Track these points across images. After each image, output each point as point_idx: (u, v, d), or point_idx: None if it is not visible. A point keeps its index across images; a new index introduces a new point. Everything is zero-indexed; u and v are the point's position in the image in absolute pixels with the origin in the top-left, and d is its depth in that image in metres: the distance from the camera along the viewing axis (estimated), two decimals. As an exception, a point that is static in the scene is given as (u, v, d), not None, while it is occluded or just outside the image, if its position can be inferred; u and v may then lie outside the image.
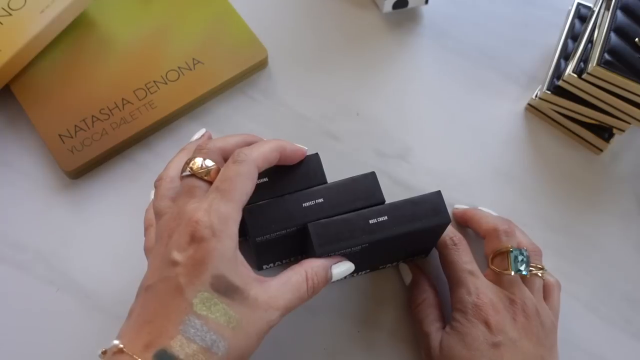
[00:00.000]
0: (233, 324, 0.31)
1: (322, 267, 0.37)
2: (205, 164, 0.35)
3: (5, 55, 0.48)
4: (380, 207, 0.39)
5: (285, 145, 0.38)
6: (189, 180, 0.35)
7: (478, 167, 0.51)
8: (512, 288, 0.40)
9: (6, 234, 0.47)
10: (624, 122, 0.49)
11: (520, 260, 0.41)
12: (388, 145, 0.51)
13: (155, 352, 0.29)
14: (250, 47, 0.52)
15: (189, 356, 0.29)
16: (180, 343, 0.29)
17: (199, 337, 0.30)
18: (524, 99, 0.54)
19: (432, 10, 0.57)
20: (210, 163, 0.35)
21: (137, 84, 0.50)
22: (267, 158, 0.36)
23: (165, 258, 0.32)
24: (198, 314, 0.30)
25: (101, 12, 0.53)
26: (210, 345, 0.30)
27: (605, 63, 0.45)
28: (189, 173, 0.35)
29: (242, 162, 0.34)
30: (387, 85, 0.54)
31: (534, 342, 0.39)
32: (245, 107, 0.52)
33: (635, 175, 0.52)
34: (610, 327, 0.47)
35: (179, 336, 0.30)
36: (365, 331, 0.45)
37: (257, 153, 0.35)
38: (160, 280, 0.31)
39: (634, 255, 0.49)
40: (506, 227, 0.43)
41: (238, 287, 0.32)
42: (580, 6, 0.54)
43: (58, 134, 0.48)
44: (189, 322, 0.30)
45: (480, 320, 0.39)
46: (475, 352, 0.38)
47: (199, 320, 0.30)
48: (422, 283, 0.44)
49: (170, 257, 0.31)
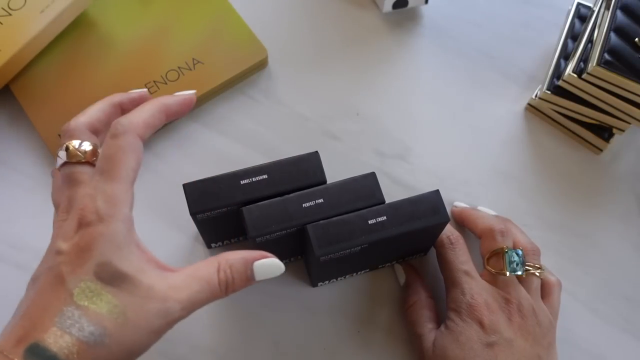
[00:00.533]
0: (116, 315, 0.28)
1: (241, 261, 0.32)
2: (81, 148, 0.32)
3: (5, 55, 0.48)
4: (378, 207, 0.39)
5: (167, 102, 0.34)
6: (67, 169, 0.32)
7: (478, 167, 0.51)
8: (508, 288, 0.40)
9: (6, 234, 0.47)
10: (624, 122, 0.49)
11: (515, 261, 0.41)
12: (388, 145, 0.52)
13: (26, 346, 0.27)
14: (250, 47, 0.52)
15: (62, 349, 0.27)
16: (54, 335, 0.27)
17: (76, 329, 0.27)
18: (523, 98, 0.54)
19: (432, 10, 0.57)
20: (87, 145, 0.32)
21: (137, 84, 0.50)
22: (149, 123, 0.32)
23: (52, 248, 0.30)
24: (78, 304, 0.28)
25: (101, 12, 0.53)
26: (89, 338, 0.27)
27: (605, 63, 0.45)
28: (63, 162, 0.32)
29: (121, 135, 0.31)
30: (387, 85, 0.54)
31: (530, 342, 0.39)
32: (245, 107, 0.52)
33: (635, 175, 0.52)
34: (610, 327, 0.47)
35: (54, 328, 0.27)
36: (365, 331, 0.45)
37: (136, 121, 0.32)
38: (44, 271, 0.29)
39: (634, 255, 0.49)
40: (502, 227, 0.43)
41: (127, 275, 0.29)
42: (580, 6, 0.54)
43: (58, 134, 0.48)
44: (66, 313, 0.27)
45: (474, 320, 0.39)
46: (469, 352, 0.38)
47: (78, 311, 0.28)
48: (414, 284, 0.45)
49: (55, 246, 0.29)
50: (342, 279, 0.46)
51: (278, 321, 0.45)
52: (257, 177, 0.40)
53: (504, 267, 0.41)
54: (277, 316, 0.45)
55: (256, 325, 0.45)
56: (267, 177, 0.40)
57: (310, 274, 0.45)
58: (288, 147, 0.51)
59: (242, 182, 0.40)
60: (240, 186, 0.40)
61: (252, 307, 0.45)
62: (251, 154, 0.50)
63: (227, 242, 0.46)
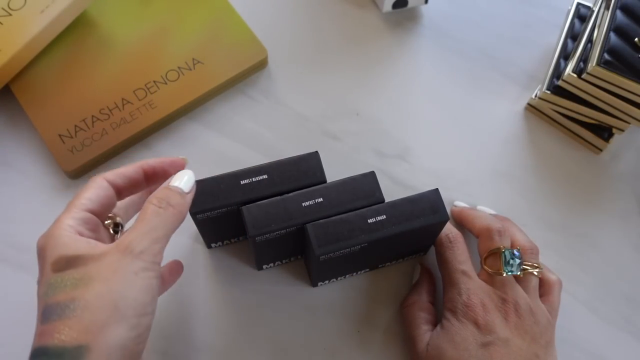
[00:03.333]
0: (83, 283, 0.30)
1: (162, 189, 0.34)
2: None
3: (5, 55, 0.48)
4: (378, 207, 0.39)
5: (148, 160, 0.37)
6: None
7: (477, 166, 0.51)
8: (505, 288, 0.40)
9: (6, 234, 0.47)
10: (624, 122, 0.49)
11: (512, 261, 0.41)
12: (388, 145, 0.52)
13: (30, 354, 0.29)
14: (250, 47, 0.53)
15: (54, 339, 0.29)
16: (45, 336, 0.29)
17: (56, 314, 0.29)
18: (523, 98, 0.54)
19: (432, 10, 0.58)
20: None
21: (137, 84, 0.50)
22: (119, 172, 0.36)
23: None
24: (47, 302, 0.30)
25: (101, 12, 0.54)
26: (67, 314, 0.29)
27: (604, 63, 0.45)
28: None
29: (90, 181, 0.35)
30: (387, 85, 0.54)
31: (527, 341, 0.39)
32: (245, 107, 0.52)
33: (634, 175, 0.52)
34: (610, 327, 0.47)
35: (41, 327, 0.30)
36: (365, 331, 0.45)
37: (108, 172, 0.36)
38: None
39: (634, 255, 0.49)
40: (499, 227, 0.43)
41: (80, 255, 0.31)
42: (580, 6, 0.54)
43: (58, 134, 0.48)
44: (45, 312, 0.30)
45: (470, 320, 0.39)
46: (463, 353, 0.38)
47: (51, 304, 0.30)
48: (420, 286, 0.45)
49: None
50: (342, 279, 0.46)
51: (278, 321, 0.45)
52: (257, 177, 0.40)
53: (500, 267, 0.41)
54: (277, 316, 0.45)
55: (256, 325, 0.44)
56: (267, 177, 0.40)
57: (310, 274, 0.45)
58: (288, 147, 0.51)
59: (242, 182, 0.40)
60: (240, 186, 0.40)
61: (252, 307, 0.45)
62: (251, 154, 0.50)
63: (227, 242, 0.46)
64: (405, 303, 0.44)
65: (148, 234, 0.32)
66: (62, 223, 0.33)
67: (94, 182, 0.35)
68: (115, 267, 0.30)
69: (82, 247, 0.31)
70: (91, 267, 0.30)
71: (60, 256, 0.31)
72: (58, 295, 0.30)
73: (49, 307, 0.30)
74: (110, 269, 0.30)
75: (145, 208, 0.33)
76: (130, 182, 0.36)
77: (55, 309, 0.29)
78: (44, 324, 0.29)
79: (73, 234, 0.32)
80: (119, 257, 0.30)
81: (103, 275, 0.30)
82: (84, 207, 0.34)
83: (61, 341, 0.28)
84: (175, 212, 0.33)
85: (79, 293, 0.30)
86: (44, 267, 0.31)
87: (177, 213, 0.33)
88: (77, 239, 0.32)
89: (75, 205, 0.34)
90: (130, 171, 0.36)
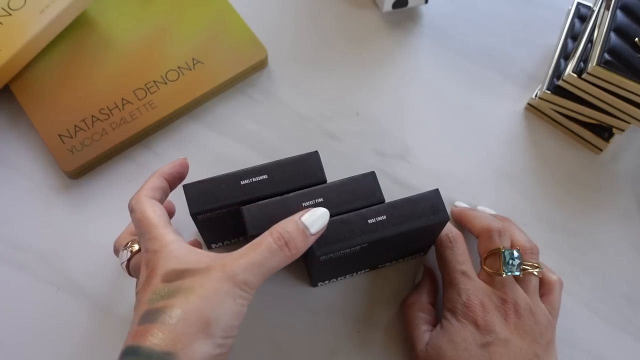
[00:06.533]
0: (185, 294, 0.31)
1: (289, 221, 0.35)
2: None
3: (5, 55, 0.48)
4: (378, 207, 0.39)
5: (162, 168, 0.39)
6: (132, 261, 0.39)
7: (478, 166, 0.51)
8: (504, 288, 0.40)
9: (6, 234, 0.47)
10: (624, 121, 0.49)
11: (511, 261, 0.41)
12: (388, 145, 0.52)
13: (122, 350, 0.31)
14: (250, 47, 0.53)
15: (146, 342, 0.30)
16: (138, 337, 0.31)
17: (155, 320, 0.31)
18: (523, 98, 0.54)
19: (432, 10, 0.58)
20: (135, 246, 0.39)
21: (137, 84, 0.50)
22: (150, 186, 0.38)
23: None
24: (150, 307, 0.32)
25: (101, 12, 0.54)
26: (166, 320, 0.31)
27: (605, 63, 0.45)
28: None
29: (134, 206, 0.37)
30: (387, 85, 0.54)
31: (527, 341, 0.39)
32: (245, 107, 0.52)
33: (635, 175, 0.52)
34: (610, 327, 0.47)
35: (135, 327, 0.31)
36: (365, 331, 0.45)
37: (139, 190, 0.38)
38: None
39: (634, 255, 0.49)
40: (499, 227, 0.43)
41: (187, 269, 0.33)
42: (580, 6, 0.54)
43: (58, 134, 0.48)
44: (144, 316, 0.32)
45: (469, 320, 0.39)
46: (463, 353, 0.38)
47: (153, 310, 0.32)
48: (422, 287, 0.45)
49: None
50: (342, 279, 0.46)
51: (278, 321, 0.45)
52: (257, 177, 0.40)
53: (500, 267, 0.41)
54: (277, 316, 0.45)
55: (256, 325, 0.44)
56: (267, 177, 0.40)
57: (310, 274, 0.45)
58: (288, 147, 0.51)
59: (242, 182, 0.40)
60: (240, 186, 0.39)
61: (252, 307, 0.45)
62: (251, 154, 0.50)
63: (228, 243, 0.46)
64: (405, 303, 0.44)
65: (257, 268, 0.33)
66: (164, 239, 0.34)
67: (145, 201, 0.36)
68: (217, 287, 0.32)
69: (191, 261, 0.33)
70: (195, 280, 0.32)
71: (173, 269, 0.33)
72: (160, 302, 0.32)
73: (149, 311, 0.31)
74: (212, 287, 0.32)
75: (263, 237, 0.34)
76: (164, 193, 0.39)
77: (154, 313, 0.31)
78: (140, 325, 0.31)
79: (184, 246, 0.34)
80: (222, 278, 0.32)
81: (204, 291, 0.32)
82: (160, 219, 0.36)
83: (153, 344, 0.30)
84: (290, 255, 0.34)
85: (177, 301, 0.31)
86: (153, 277, 0.33)
87: (291, 257, 0.34)
88: (187, 252, 0.33)
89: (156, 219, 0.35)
90: (157, 183, 0.38)
